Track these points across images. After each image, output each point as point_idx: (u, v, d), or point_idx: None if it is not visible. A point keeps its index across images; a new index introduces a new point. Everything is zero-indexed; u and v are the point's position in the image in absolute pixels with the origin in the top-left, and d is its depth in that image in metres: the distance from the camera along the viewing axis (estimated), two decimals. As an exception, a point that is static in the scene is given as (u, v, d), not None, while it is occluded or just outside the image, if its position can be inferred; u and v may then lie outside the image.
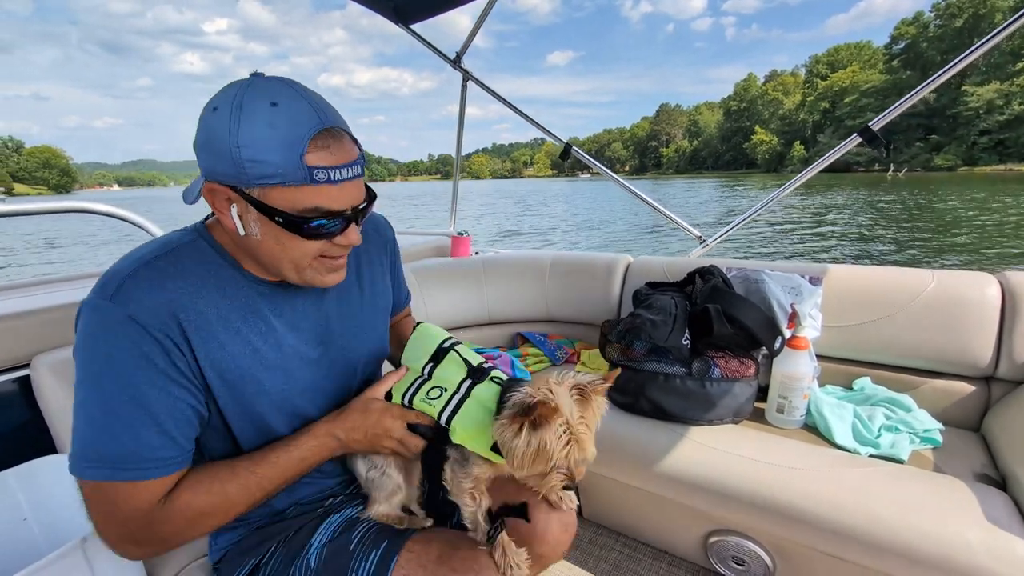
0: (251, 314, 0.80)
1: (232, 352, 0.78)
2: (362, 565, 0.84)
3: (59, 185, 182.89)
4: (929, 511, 1.12)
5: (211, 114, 0.67)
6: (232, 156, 0.65)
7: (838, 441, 1.40)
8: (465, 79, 2.64)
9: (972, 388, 1.55)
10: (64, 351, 1.25)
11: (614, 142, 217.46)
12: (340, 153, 0.69)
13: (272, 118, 0.65)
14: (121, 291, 0.69)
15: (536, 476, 0.80)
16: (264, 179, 0.66)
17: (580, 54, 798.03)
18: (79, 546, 0.86)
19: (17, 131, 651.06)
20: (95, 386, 0.69)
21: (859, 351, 1.69)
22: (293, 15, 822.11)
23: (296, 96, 0.67)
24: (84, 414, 0.70)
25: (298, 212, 0.69)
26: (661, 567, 1.61)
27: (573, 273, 2.30)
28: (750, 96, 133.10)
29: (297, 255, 0.75)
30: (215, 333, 0.76)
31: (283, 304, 0.85)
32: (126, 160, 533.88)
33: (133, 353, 0.69)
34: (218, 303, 0.77)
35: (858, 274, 1.73)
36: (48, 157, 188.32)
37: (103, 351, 0.69)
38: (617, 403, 1.66)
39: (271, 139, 0.65)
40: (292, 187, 0.67)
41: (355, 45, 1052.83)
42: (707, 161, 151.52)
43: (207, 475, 0.77)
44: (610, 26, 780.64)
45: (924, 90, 1.73)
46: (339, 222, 0.74)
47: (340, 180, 0.70)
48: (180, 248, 0.77)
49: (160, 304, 0.71)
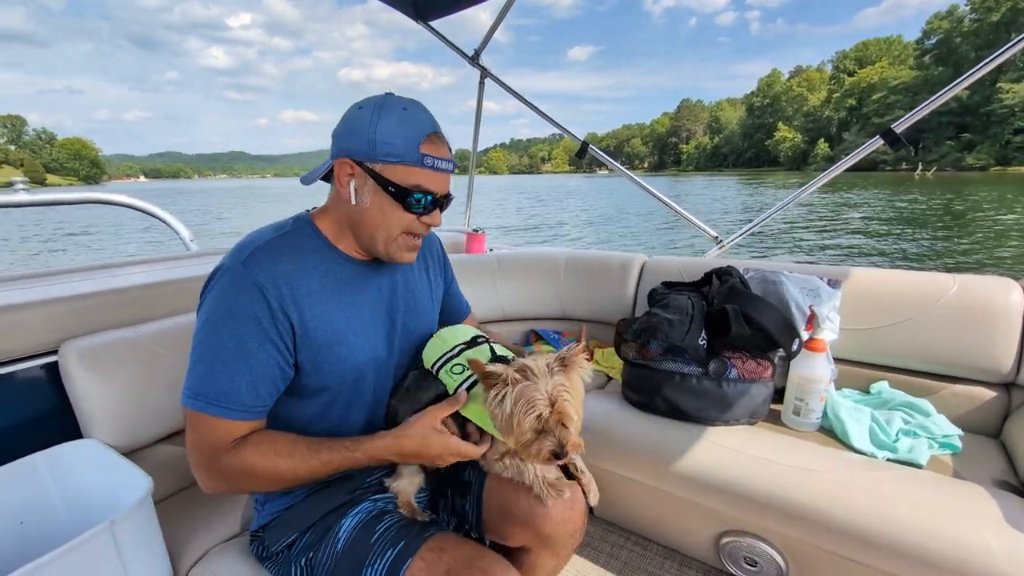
0: (343, 286, 0.98)
1: (331, 316, 0.95)
2: (377, 562, 0.90)
3: (88, 176, 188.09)
4: (948, 515, 1.11)
5: (357, 110, 0.90)
6: (369, 137, 0.87)
7: (855, 444, 1.39)
8: (483, 76, 2.64)
9: (993, 394, 1.53)
10: (91, 338, 1.28)
11: (633, 138, 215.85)
12: (442, 150, 0.92)
13: (402, 117, 0.88)
14: (253, 258, 0.88)
15: (525, 445, 0.87)
16: (388, 157, 0.87)
17: (600, 49, 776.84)
18: (107, 529, 0.88)
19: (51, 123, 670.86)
20: (212, 332, 0.86)
21: (878, 355, 1.68)
22: (317, 10, 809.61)
23: (420, 109, 0.92)
24: (197, 354, 0.87)
25: (406, 186, 0.89)
26: (672, 566, 1.61)
27: (588, 271, 2.30)
28: (774, 92, 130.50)
29: (392, 224, 0.93)
30: (317, 299, 0.93)
31: (368, 281, 1.02)
32: (152, 152, 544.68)
33: (248, 311, 0.86)
34: (320, 276, 0.94)
35: (878, 277, 1.71)
36: (79, 149, 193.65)
37: (228, 305, 0.86)
38: (632, 402, 1.66)
39: (399, 130, 0.87)
40: (406, 166, 0.88)
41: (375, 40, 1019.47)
42: (728, 158, 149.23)
43: (270, 443, 0.89)
44: (632, 20, 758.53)
45: (955, 88, 1.70)
46: (430, 202, 0.93)
47: (439, 168, 0.92)
48: (293, 232, 0.96)
49: (278, 274, 0.89)
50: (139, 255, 1.92)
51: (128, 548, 0.92)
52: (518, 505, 1.03)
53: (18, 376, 1.26)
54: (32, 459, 1.11)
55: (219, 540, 1.16)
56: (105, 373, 1.23)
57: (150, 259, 1.87)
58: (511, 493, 1.04)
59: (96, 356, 1.24)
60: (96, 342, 1.27)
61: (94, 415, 1.21)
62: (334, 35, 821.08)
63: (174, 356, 1.35)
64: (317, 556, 0.95)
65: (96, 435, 1.21)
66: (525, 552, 1.09)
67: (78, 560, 0.84)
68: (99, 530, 0.87)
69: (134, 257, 1.89)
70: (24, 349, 1.26)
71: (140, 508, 0.95)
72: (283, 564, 1.00)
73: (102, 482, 1.12)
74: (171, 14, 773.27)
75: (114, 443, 1.21)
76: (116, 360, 1.27)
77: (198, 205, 40.57)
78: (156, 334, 1.36)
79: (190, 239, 2.29)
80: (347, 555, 0.92)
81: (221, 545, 1.15)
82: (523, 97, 2.60)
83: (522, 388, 0.85)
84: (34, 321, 1.26)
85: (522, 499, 1.03)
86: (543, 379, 0.86)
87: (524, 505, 1.02)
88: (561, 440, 0.85)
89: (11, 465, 1.08)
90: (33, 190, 1.89)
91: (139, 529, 0.97)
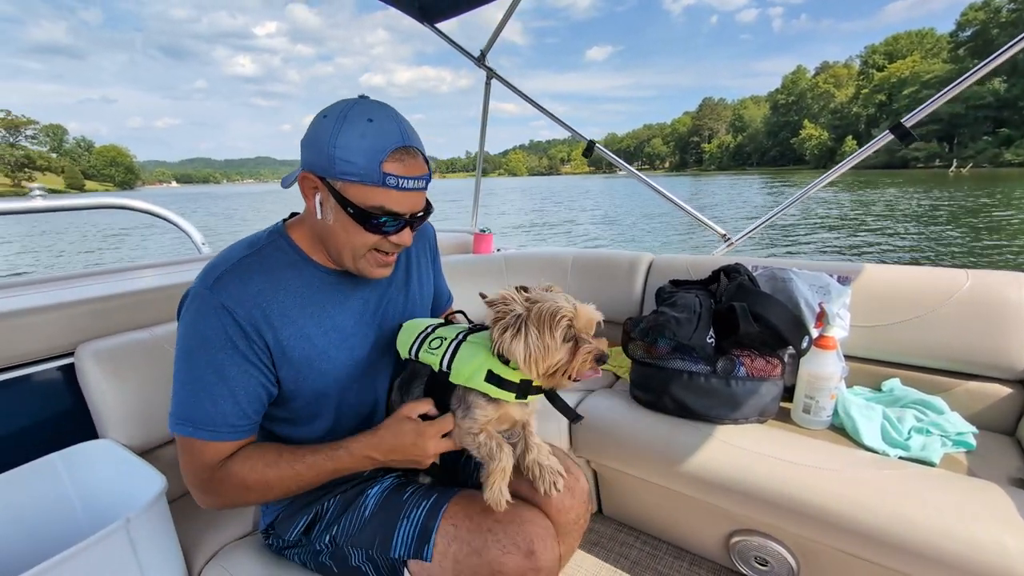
0: (322, 300, 0.96)
1: (308, 332, 0.93)
2: (413, 512, 0.93)
3: (124, 182, 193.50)
4: (963, 514, 1.09)
5: (321, 120, 0.84)
6: (328, 153, 0.81)
7: (866, 442, 1.38)
8: (489, 77, 2.65)
9: (1008, 391, 1.50)
10: (106, 340, 1.31)
11: (654, 138, 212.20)
12: (411, 167, 0.85)
13: (365, 130, 0.81)
14: (219, 282, 0.86)
15: (562, 368, 0.84)
16: (347, 175, 0.82)
17: (619, 48, 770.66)
18: (123, 526, 0.90)
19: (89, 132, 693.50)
20: (189, 360, 0.86)
21: (889, 352, 1.66)
22: (338, 17, 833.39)
23: (389, 118, 0.84)
24: (179, 381, 0.87)
25: (366, 207, 0.84)
26: (682, 566, 1.60)
27: (595, 270, 2.30)
28: (799, 89, 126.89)
29: (357, 244, 0.89)
30: (293, 317, 0.91)
31: (349, 292, 1.00)
32: (183, 158, 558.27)
33: (221, 336, 0.85)
34: (295, 291, 0.92)
35: (889, 273, 1.69)
36: (114, 156, 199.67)
37: (200, 332, 0.85)
38: (641, 400, 1.66)
39: (360, 146, 0.80)
40: (366, 186, 0.82)
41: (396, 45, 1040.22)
42: (752, 157, 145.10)
43: (259, 455, 0.90)
44: (651, 19, 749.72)
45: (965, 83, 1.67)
46: (397, 223, 0.88)
47: (406, 188, 0.85)
48: (264, 248, 0.93)
49: (248, 296, 0.87)
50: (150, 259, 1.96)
51: (143, 545, 0.93)
52: (519, 494, 1.01)
53: (36, 378, 1.29)
54: (50, 459, 1.14)
55: (232, 538, 1.18)
56: (120, 374, 1.26)
57: (162, 263, 1.91)
58: (511, 482, 1.04)
59: (111, 358, 1.27)
60: (111, 344, 1.30)
61: (109, 415, 1.23)
62: (355, 41, 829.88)
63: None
64: (340, 528, 0.97)
65: (111, 435, 1.23)
66: None
67: (95, 557, 0.85)
68: (115, 528, 0.88)
69: (147, 261, 1.93)
70: (42, 351, 1.29)
71: (154, 506, 0.97)
72: (305, 548, 1.01)
73: (117, 481, 1.14)
74: (199, 24, 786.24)
75: (129, 443, 1.23)
76: (130, 361, 1.29)
77: (223, 209, 41.53)
78: (169, 335, 1.38)
79: (201, 242, 2.33)
80: (378, 516, 0.95)
81: (234, 543, 1.16)
82: (529, 97, 2.60)
83: (540, 305, 0.83)
84: (51, 324, 1.29)
85: (523, 488, 1.01)
86: (554, 295, 0.85)
87: (524, 494, 1.01)
88: (598, 347, 0.84)
89: (31, 464, 1.11)
90: (50, 196, 1.94)
91: (153, 527, 0.98)
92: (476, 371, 0.88)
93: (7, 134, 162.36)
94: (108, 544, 0.87)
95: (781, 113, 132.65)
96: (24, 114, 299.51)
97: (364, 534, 0.95)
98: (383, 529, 0.93)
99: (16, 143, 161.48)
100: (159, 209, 2.30)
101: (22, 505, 1.09)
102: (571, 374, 0.86)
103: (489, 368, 0.88)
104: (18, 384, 1.26)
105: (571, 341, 0.85)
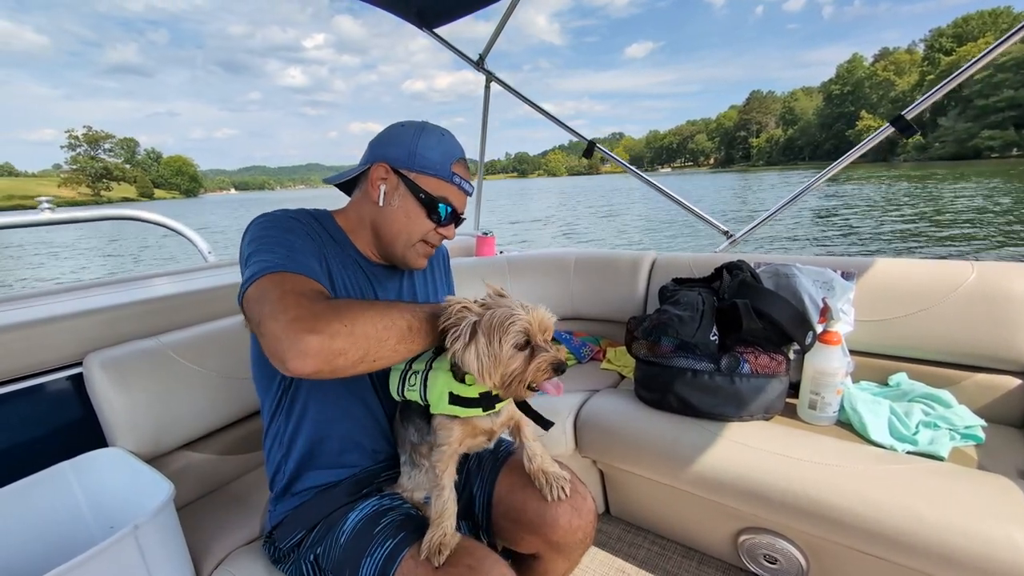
0: (356, 279, 1.04)
1: (344, 293, 1.00)
2: (377, 551, 0.91)
3: (189, 190, 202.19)
4: (972, 509, 1.08)
5: (400, 127, 1.02)
6: (410, 149, 0.98)
7: (874, 438, 1.37)
8: (488, 80, 2.66)
9: (1016, 383, 1.49)
10: (114, 350, 1.32)
11: (698, 134, 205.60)
12: (467, 175, 1.05)
13: (440, 139, 1.01)
14: (287, 211, 0.98)
15: (517, 377, 0.79)
16: (423, 168, 0.99)
17: (660, 44, 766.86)
18: (131, 533, 0.91)
19: (156, 143, 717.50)
20: (265, 238, 0.89)
21: (895, 346, 1.65)
22: (381, 27, 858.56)
23: (453, 137, 1.04)
24: (259, 257, 0.84)
25: (435, 195, 0.99)
26: (691, 565, 1.60)
27: (598, 271, 2.30)
28: (855, 78, 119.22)
29: (415, 230, 1.02)
30: (337, 271, 1.00)
31: (378, 285, 1.08)
32: (241, 167, 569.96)
33: (296, 226, 0.94)
34: (338, 263, 1.01)
35: (893, 267, 1.68)
36: (180, 166, 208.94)
37: (276, 222, 0.93)
38: (645, 400, 1.65)
39: (437, 148, 1.00)
40: (438, 179, 1.00)
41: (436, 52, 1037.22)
42: (804, 151, 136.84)
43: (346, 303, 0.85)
44: (692, 14, 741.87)
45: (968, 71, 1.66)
46: (451, 215, 1.03)
47: (464, 189, 1.04)
48: (319, 216, 1.04)
49: (312, 228, 0.98)
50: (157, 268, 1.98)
51: (151, 552, 0.94)
52: (525, 513, 1.04)
53: (46, 388, 1.31)
54: (61, 467, 1.15)
55: (239, 544, 1.19)
56: (127, 383, 1.27)
57: (169, 272, 1.93)
58: (518, 501, 1.05)
59: (119, 367, 1.28)
60: (119, 353, 1.31)
61: (118, 424, 1.24)
62: (397, 49, 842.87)
63: (194, 365, 1.38)
64: (322, 551, 0.98)
65: (120, 443, 1.24)
66: (536, 557, 1.10)
67: (104, 563, 0.86)
68: (123, 534, 0.89)
69: (153, 271, 1.95)
70: (51, 361, 1.30)
71: (163, 513, 0.98)
72: (293, 564, 1.02)
73: (126, 488, 1.16)
74: (253, 39, 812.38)
75: (137, 450, 1.24)
76: (138, 370, 1.30)
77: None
78: (176, 344, 1.40)
79: (208, 251, 2.35)
80: (350, 545, 0.94)
81: (241, 548, 1.17)
82: (527, 98, 2.61)
83: (492, 311, 0.79)
84: (60, 334, 1.31)
85: (529, 507, 1.03)
86: (508, 301, 0.81)
87: (531, 514, 1.03)
88: (554, 356, 0.79)
89: (42, 473, 1.12)
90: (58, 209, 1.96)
91: (162, 533, 0.99)
92: (439, 398, 0.87)
93: (89, 147, 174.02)
94: (117, 550, 0.88)
95: (836, 104, 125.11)
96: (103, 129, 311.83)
97: (339, 561, 0.94)
98: (351, 562, 0.92)
99: (96, 155, 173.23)
100: (167, 220, 2.33)
101: (34, 513, 1.10)
102: (527, 384, 0.81)
103: (450, 391, 0.85)
104: (29, 394, 1.28)
105: (526, 349, 0.80)
